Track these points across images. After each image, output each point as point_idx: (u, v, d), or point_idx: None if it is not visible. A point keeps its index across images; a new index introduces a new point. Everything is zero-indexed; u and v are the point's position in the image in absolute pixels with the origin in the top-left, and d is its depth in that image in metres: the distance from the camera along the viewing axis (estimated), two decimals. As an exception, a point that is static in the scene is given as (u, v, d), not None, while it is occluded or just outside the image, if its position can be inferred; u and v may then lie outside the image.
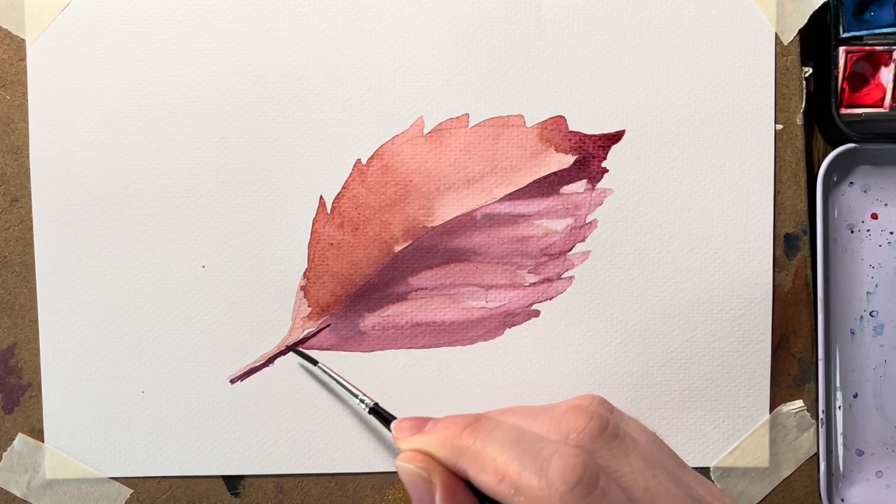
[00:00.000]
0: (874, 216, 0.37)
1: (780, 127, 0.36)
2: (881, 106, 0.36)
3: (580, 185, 0.36)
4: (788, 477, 0.37)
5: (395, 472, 0.36)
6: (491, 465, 0.23)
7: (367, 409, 0.32)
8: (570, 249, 0.36)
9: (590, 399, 0.25)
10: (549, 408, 0.26)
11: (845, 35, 0.35)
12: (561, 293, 0.36)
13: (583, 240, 0.36)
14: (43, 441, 0.36)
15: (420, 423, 0.27)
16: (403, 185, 0.36)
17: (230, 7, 0.35)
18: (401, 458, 0.26)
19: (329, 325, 0.36)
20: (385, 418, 0.31)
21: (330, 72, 0.35)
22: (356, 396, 0.33)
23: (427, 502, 0.25)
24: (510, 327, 0.36)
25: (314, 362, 0.35)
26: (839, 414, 0.37)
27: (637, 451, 0.24)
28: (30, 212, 0.35)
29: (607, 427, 0.24)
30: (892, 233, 0.37)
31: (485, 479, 0.23)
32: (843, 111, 0.36)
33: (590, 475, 0.22)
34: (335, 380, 0.34)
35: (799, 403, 0.36)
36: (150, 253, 0.35)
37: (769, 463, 0.36)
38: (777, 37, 0.36)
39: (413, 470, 0.25)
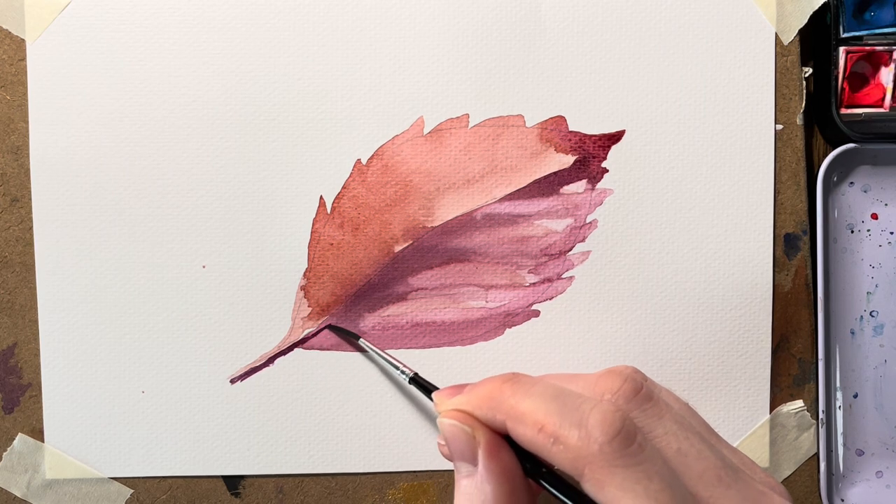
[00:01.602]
0: (874, 216, 0.37)
1: (780, 127, 0.36)
2: (881, 106, 0.36)
3: (580, 185, 0.36)
4: (788, 477, 0.37)
5: (395, 473, 0.36)
6: (530, 416, 0.23)
7: (408, 380, 0.32)
8: (570, 249, 0.36)
9: (624, 366, 0.26)
10: (582, 374, 0.26)
11: (845, 35, 0.35)
12: (561, 293, 0.36)
13: (583, 240, 0.36)
14: (43, 441, 0.36)
15: (458, 388, 0.27)
16: (403, 185, 0.36)
17: (230, 7, 0.35)
18: (443, 416, 0.26)
19: (329, 325, 0.36)
20: (424, 388, 0.32)
21: (330, 72, 0.35)
22: (396, 368, 0.33)
23: (468, 459, 0.24)
24: (510, 327, 0.36)
25: (356, 337, 0.35)
26: (839, 414, 0.37)
27: (670, 415, 0.24)
28: (30, 212, 0.35)
29: (641, 389, 0.25)
30: (892, 233, 0.37)
31: (523, 431, 0.23)
32: (843, 111, 0.36)
33: (628, 429, 0.22)
34: (376, 353, 0.35)
35: (799, 403, 0.36)
36: (150, 253, 0.35)
37: (769, 463, 0.36)
38: (777, 37, 0.36)
39: (457, 425, 0.25)
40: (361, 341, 0.35)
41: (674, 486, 0.22)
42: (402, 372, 0.33)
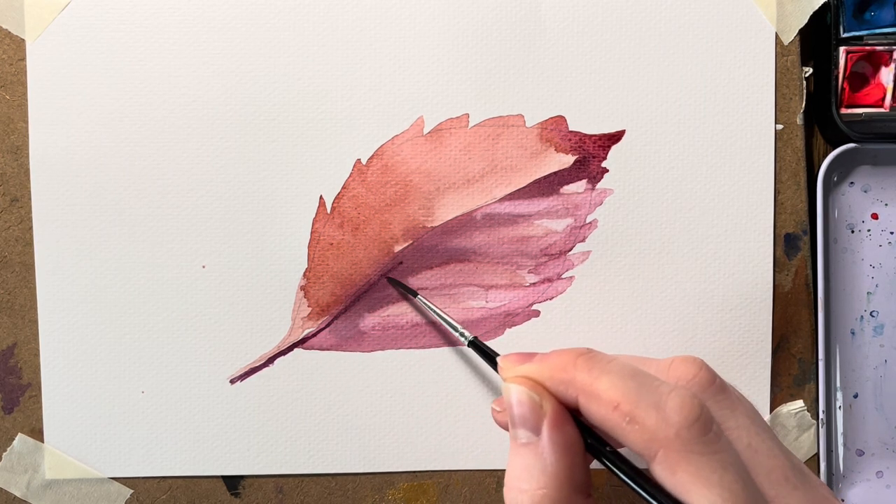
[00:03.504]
0: (874, 216, 0.37)
1: (780, 127, 0.36)
2: (881, 106, 0.36)
3: (580, 185, 0.36)
4: (788, 477, 0.36)
5: (395, 473, 0.36)
6: (605, 393, 0.23)
7: (467, 343, 0.32)
8: (570, 249, 0.36)
9: (694, 357, 0.25)
10: (653, 359, 0.26)
11: (845, 35, 0.35)
12: (561, 293, 0.36)
13: (583, 240, 0.36)
14: (43, 441, 0.36)
15: (527, 356, 0.26)
16: (403, 185, 0.36)
17: (230, 7, 0.35)
18: (511, 381, 0.25)
19: (329, 325, 0.36)
20: (484, 352, 0.31)
21: (330, 72, 0.35)
22: (455, 330, 0.32)
23: (531, 427, 0.24)
24: (510, 327, 0.36)
25: (414, 294, 0.35)
26: (839, 414, 0.37)
27: (742, 409, 0.24)
28: (30, 212, 0.35)
29: (715, 380, 0.24)
30: (892, 233, 0.37)
31: (596, 408, 0.23)
32: (844, 111, 0.36)
33: (706, 417, 0.22)
34: (434, 312, 0.34)
35: (799, 403, 0.36)
36: (150, 253, 0.35)
37: (769, 463, 0.36)
38: (777, 37, 0.36)
39: (526, 392, 0.24)
40: (419, 298, 0.35)
41: (746, 480, 0.21)
42: (461, 335, 0.32)
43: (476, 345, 0.31)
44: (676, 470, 0.21)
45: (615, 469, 0.23)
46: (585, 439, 0.24)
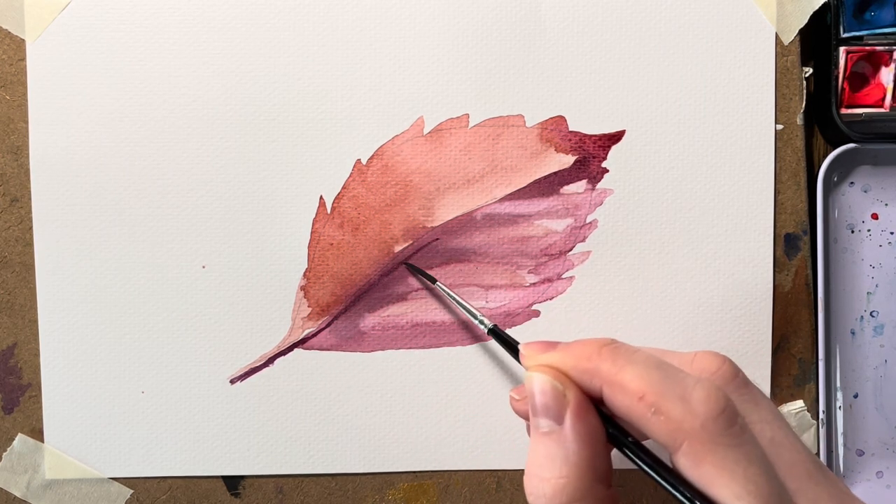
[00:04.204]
0: (874, 216, 0.37)
1: (780, 127, 0.36)
2: (881, 106, 0.36)
3: (580, 185, 0.36)
4: (788, 477, 0.36)
5: (395, 473, 0.36)
6: (630, 384, 0.23)
7: (487, 330, 0.31)
8: (570, 249, 0.36)
9: (716, 352, 0.26)
10: (677, 352, 0.26)
11: (845, 35, 0.35)
12: (561, 293, 0.36)
13: (583, 240, 0.36)
14: (43, 441, 0.36)
15: (550, 345, 0.26)
16: (403, 185, 0.36)
17: (230, 7, 0.35)
18: (534, 370, 0.25)
19: (329, 325, 0.36)
20: (505, 341, 0.30)
21: (330, 72, 0.35)
22: (475, 318, 0.32)
23: (553, 416, 0.24)
24: (510, 327, 0.36)
25: (432, 280, 0.35)
26: (839, 414, 0.37)
27: (765, 403, 0.24)
28: (30, 212, 0.35)
29: (738, 374, 0.25)
30: (892, 233, 0.37)
31: (621, 398, 0.23)
32: (844, 111, 0.36)
33: (731, 409, 0.22)
34: (453, 299, 0.34)
35: (799, 403, 0.36)
36: (150, 253, 0.35)
37: (769, 463, 0.36)
38: (777, 37, 0.36)
39: (550, 380, 0.24)
40: (438, 284, 0.34)
41: (770, 473, 0.21)
42: (481, 322, 0.32)
43: (496, 333, 0.31)
44: (701, 461, 0.21)
45: (637, 459, 0.23)
46: (607, 429, 0.24)
